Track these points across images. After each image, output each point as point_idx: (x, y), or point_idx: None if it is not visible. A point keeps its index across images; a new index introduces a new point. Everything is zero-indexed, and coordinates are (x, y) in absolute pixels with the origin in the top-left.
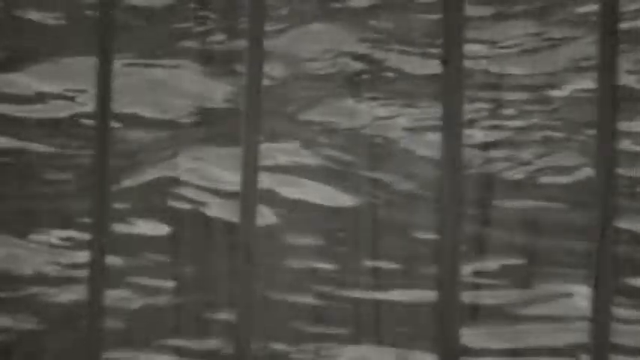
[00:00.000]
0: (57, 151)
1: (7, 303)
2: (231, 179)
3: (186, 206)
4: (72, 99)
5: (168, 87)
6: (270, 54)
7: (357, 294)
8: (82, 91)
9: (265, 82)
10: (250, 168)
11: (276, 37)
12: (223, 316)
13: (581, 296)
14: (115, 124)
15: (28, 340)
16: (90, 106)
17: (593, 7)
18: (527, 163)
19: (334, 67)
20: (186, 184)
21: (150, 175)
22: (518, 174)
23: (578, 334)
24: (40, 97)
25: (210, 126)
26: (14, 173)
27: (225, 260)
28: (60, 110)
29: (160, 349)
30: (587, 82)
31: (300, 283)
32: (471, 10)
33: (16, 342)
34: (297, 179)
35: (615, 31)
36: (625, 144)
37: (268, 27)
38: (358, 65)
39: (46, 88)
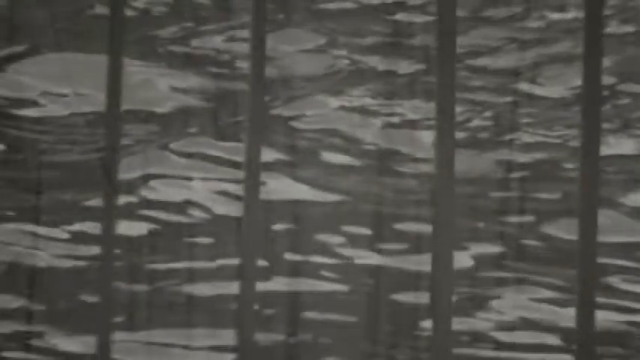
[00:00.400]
0: (63, 147)
1: (21, 294)
2: (230, 176)
3: (182, 203)
4: (74, 97)
5: (165, 86)
6: None
7: (353, 286)
8: (86, 89)
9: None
10: (252, 166)
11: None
12: (229, 308)
13: (565, 289)
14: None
15: (41, 328)
16: (92, 104)
17: (579, 14)
18: (513, 161)
19: (323, 68)
20: (183, 181)
21: (143, 170)
22: (504, 172)
23: (568, 322)
24: (44, 95)
25: (206, 124)
26: (23, 170)
27: (223, 255)
28: (65, 108)
29: (167, 336)
30: (573, 82)
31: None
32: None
33: (28, 331)
34: (285, 177)
35: (600, 34)
36: (609, 142)
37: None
38: (348, 66)
39: (50, 86)
